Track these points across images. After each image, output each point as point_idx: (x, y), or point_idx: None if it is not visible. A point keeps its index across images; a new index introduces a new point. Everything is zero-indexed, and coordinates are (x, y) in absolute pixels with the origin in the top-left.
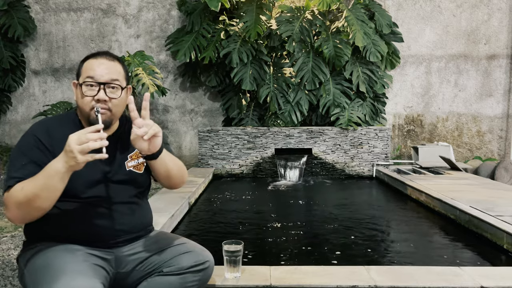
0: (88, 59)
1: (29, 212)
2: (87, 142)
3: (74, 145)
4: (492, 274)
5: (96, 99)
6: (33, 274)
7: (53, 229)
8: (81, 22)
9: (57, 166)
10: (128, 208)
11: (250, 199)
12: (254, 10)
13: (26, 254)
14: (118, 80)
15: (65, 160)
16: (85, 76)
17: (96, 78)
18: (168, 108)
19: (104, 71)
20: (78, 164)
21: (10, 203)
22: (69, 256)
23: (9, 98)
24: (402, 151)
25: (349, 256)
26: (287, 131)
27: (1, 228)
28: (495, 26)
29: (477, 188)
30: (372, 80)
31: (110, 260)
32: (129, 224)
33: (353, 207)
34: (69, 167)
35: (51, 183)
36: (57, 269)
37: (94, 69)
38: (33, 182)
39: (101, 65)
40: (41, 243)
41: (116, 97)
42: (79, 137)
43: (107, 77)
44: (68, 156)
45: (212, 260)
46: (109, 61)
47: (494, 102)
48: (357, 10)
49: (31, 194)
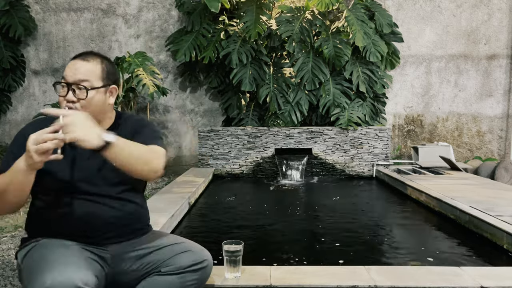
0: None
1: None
2: (43, 142)
3: (31, 145)
4: (492, 274)
5: (66, 99)
6: (28, 268)
7: (44, 225)
8: (81, 22)
9: (20, 164)
10: (117, 204)
11: (250, 199)
12: (254, 10)
13: (22, 250)
14: (87, 80)
15: (25, 158)
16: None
17: (66, 78)
18: (168, 108)
19: (73, 71)
20: (36, 164)
21: None
22: (63, 250)
23: (9, 98)
24: (402, 151)
25: (349, 256)
26: (287, 131)
27: (1, 228)
28: (495, 26)
29: (477, 188)
30: (372, 80)
31: (106, 258)
32: (118, 218)
33: (353, 207)
34: (29, 165)
35: (16, 179)
36: (50, 262)
37: (66, 70)
38: (3, 177)
39: (73, 66)
40: (36, 239)
41: (83, 97)
42: (36, 137)
43: (74, 77)
44: (27, 155)
45: (210, 259)
46: (83, 61)
47: (494, 102)
48: (357, 10)
49: (1, 188)
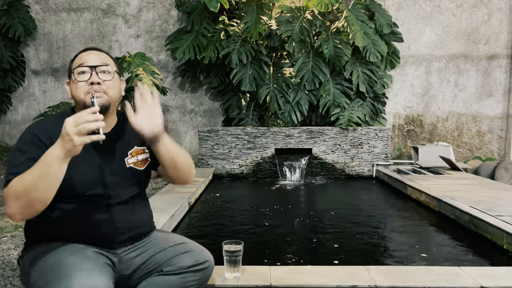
0: (77, 55)
1: (28, 205)
2: (83, 123)
3: (71, 127)
4: (492, 274)
5: (89, 82)
6: (43, 274)
7: (54, 229)
8: (81, 22)
9: (54, 153)
10: (129, 206)
11: (250, 199)
12: (255, 10)
13: (29, 254)
14: (108, 64)
15: (62, 145)
16: (75, 66)
17: (87, 63)
18: (168, 108)
19: (94, 56)
20: (76, 147)
21: (9, 197)
22: (80, 255)
23: (9, 98)
24: (402, 151)
25: (349, 256)
26: (287, 131)
27: (1, 228)
28: (495, 26)
29: (477, 188)
30: (372, 80)
31: (115, 262)
32: (130, 222)
33: (353, 207)
34: (67, 151)
35: (50, 170)
36: (70, 267)
37: (84, 57)
38: (31, 173)
39: (90, 54)
40: (45, 244)
41: (109, 78)
42: (76, 119)
43: (97, 61)
44: (65, 140)
45: (212, 259)
46: (97, 51)
47: (494, 102)
48: (357, 10)
49: (29, 185)
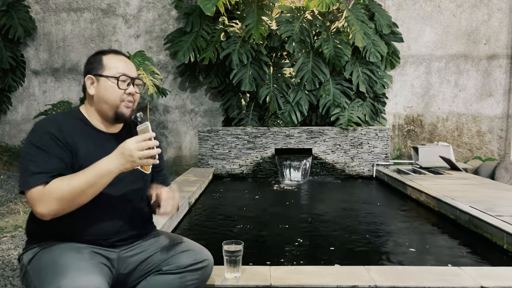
0: (108, 54)
1: (68, 207)
2: (146, 148)
3: (135, 151)
4: (492, 274)
5: (127, 92)
6: (38, 272)
7: (58, 228)
8: (81, 22)
9: (109, 166)
10: (129, 206)
11: (250, 199)
12: (255, 11)
13: (29, 253)
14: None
15: (121, 162)
16: (116, 71)
17: (128, 73)
18: (168, 108)
19: (132, 68)
20: (133, 167)
21: (50, 198)
22: (74, 254)
23: (9, 98)
24: (402, 151)
25: (349, 256)
26: (287, 131)
27: (1, 228)
28: (495, 26)
29: (477, 188)
30: (372, 80)
31: (113, 260)
32: (130, 221)
33: (353, 207)
34: (124, 169)
35: (101, 181)
36: (63, 266)
37: (124, 66)
38: (81, 179)
39: (128, 63)
40: (45, 242)
41: (139, 92)
42: (139, 144)
43: (134, 74)
44: (126, 160)
45: (211, 259)
46: (129, 60)
47: (494, 102)
48: (357, 10)
49: (78, 190)
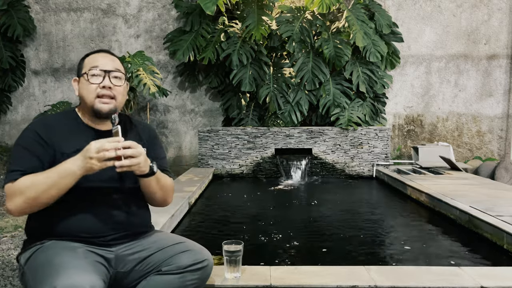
0: (89, 55)
1: (33, 206)
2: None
3: (93, 153)
4: (492, 274)
5: (101, 85)
6: (33, 271)
7: (54, 226)
8: (81, 22)
9: (72, 167)
10: (126, 204)
11: (250, 199)
12: (256, 11)
13: (26, 253)
14: (121, 71)
15: (82, 164)
16: (89, 67)
17: (101, 67)
18: (168, 108)
19: (109, 62)
20: (94, 170)
21: (15, 195)
22: (69, 253)
23: (9, 98)
24: (402, 151)
25: (349, 256)
26: (287, 131)
27: (1, 228)
28: (495, 26)
29: (477, 188)
30: (372, 80)
31: (110, 259)
32: (127, 220)
33: (353, 207)
34: (85, 170)
35: (64, 182)
36: (57, 266)
37: (98, 60)
38: (44, 180)
39: (105, 57)
40: (41, 242)
41: (120, 84)
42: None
43: (111, 66)
44: (86, 161)
45: (211, 259)
46: (111, 55)
47: (494, 102)
48: (357, 10)
49: (41, 191)
